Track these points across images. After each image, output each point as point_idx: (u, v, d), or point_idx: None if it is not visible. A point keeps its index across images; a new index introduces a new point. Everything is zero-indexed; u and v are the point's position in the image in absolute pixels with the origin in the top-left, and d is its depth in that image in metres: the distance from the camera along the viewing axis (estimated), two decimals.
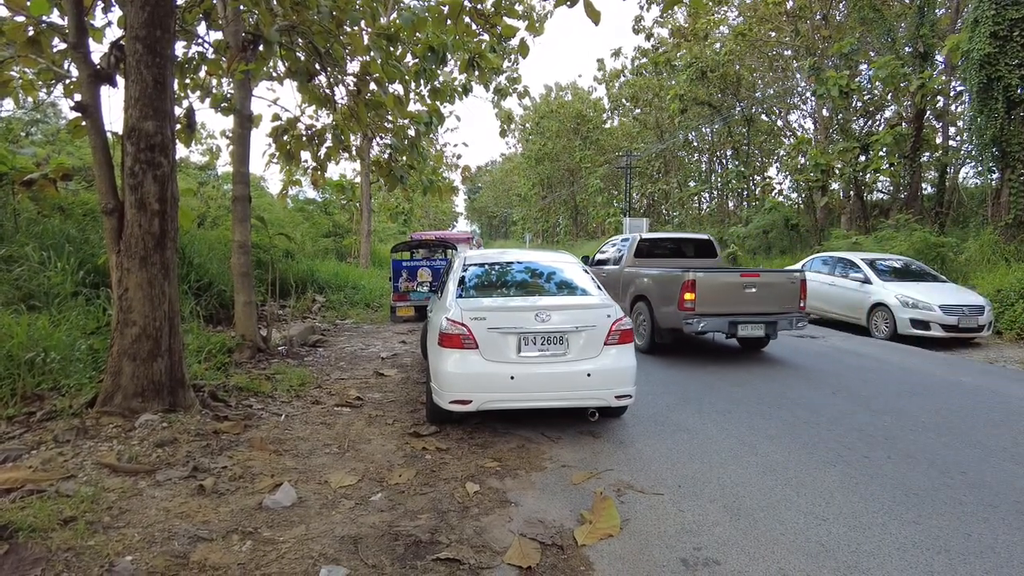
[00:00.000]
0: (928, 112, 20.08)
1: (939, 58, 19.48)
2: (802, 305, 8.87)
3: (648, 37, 34.18)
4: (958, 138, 21.99)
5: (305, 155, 11.23)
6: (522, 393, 4.97)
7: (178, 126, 8.94)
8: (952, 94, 20.33)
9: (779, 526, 3.72)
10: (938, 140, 21.94)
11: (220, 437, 4.93)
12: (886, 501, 4.07)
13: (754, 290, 8.53)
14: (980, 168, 17.19)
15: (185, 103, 9.01)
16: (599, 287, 5.87)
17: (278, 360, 8.02)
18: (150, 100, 5.00)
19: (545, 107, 52.90)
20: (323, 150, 11.16)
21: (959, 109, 21.35)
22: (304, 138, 10.79)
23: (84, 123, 5.78)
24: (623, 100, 46.40)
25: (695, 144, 39.64)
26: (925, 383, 7.64)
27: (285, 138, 10.52)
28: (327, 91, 9.96)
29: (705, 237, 11.58)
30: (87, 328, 6.68)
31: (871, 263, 12.58)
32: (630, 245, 10.93)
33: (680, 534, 3.62)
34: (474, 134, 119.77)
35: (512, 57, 21.02)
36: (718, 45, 28.73)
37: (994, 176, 16.15)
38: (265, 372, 7.20)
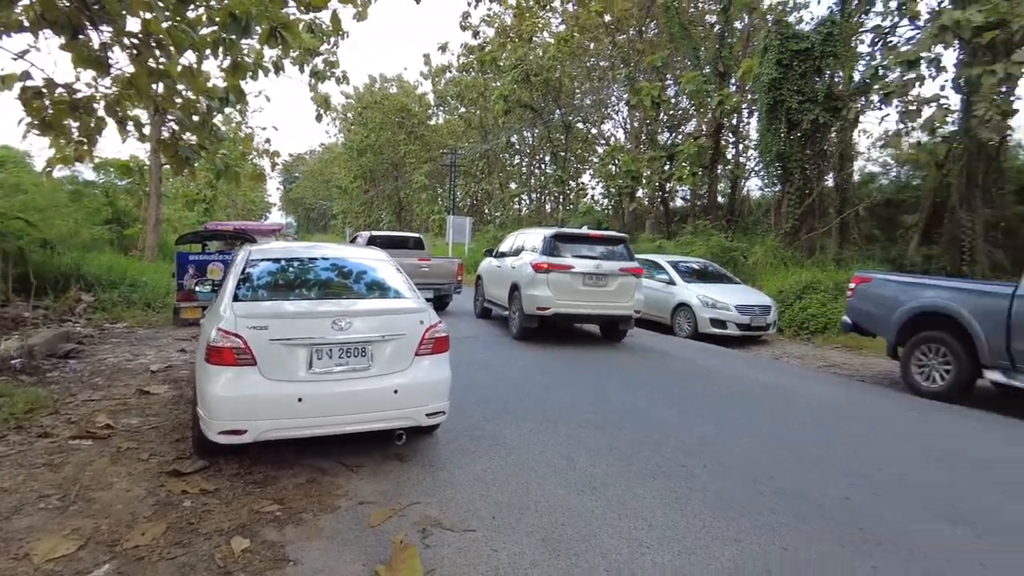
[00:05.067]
0: (724, 127, 22.01)
1: (734, 80, 21.38)
2: (458, 279, 13.79)
3: (475, 34, 34.20)
4: (746, 154, 24.46)
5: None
6: (313, 418, 4.15)
7: None
8: (746, 113, 22.51)
9: (602, 560, 3.33)
10: (730, 154, 24.23)
11: None
12: (707, 517, 3.87)
13: (427, 269, 13.01)
14: (766, 181, 19.09)
15: None
16: (413, 288, 5.19)
17: (7, 378, 6.34)
18: None
19: (369, 97, 51.02)
20: (93, 121, 9.30)
21: (747, 128, 23.76)
22: (68, 106, 8.89)
23: None
24: (449, 97, 46.14)
25: (517, 147, 40.47)
26: (730, 384, 7.94)
27: (46, 103, 8.58)
28: (100, 52, 8.23)
29: (417, 235, 15.98)
30: None
31: (675, 265, 13.27)
32: (364, 240, 14.49)
33: None
34: (292, 119, 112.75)
35: (331, 40, 19.72)
36: (540, 51, 29.40)
37: (776, 188, 18.02)
38: None
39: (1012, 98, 11.91)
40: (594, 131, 33.83)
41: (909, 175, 18.47)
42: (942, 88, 13.01)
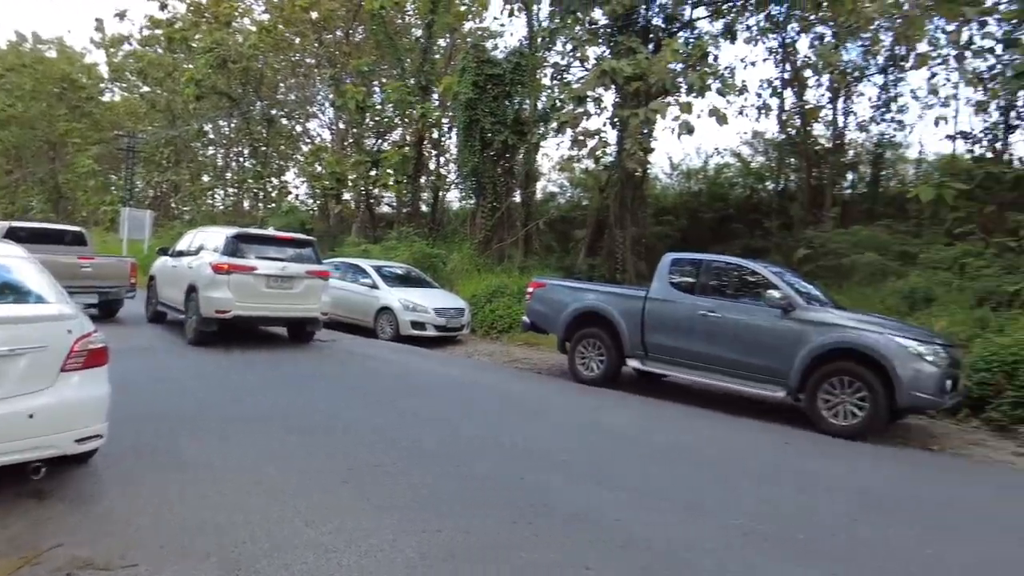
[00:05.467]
0: (427, 140, 23.01)
1: (436, 94, 22.49)
2: (132, 282, 12.17)
3: (163, 7, 30.41)
4: (447, 167, 25.93)
5: None
6: None
7: None
8: (447, 128, 23.81)
9: (285, 572, 3.18)
10: (433, 166, 25.44)
11: None
12: (397, 514, 3.96)
13: (90, 269, 11.38)
14: (463, 193, 20.48)
15: None
16: (60, 292, 4.39)
17: None
18: None
19: (15, 59, 41.73)
20: None
21: (448, 142, 25.20)
22: None
23: None
24: (128, 72, 40.14)
25: (211, 136, 37.02)
26: (425, 381, 8.36)
27: None
28: None
29: (78, 229, 14.36)
30: None
31: (378, 269, 13.53)
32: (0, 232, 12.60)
33: None
34: None
35: None
36: (240, 37, 27.36)
37: (472, 201, 19.47)
38: None
39: (651, 138, 14.68)
40: (299, 128, 32.62)
41: (580, 196, 21.50)
42: (604, 124, 15.50)
